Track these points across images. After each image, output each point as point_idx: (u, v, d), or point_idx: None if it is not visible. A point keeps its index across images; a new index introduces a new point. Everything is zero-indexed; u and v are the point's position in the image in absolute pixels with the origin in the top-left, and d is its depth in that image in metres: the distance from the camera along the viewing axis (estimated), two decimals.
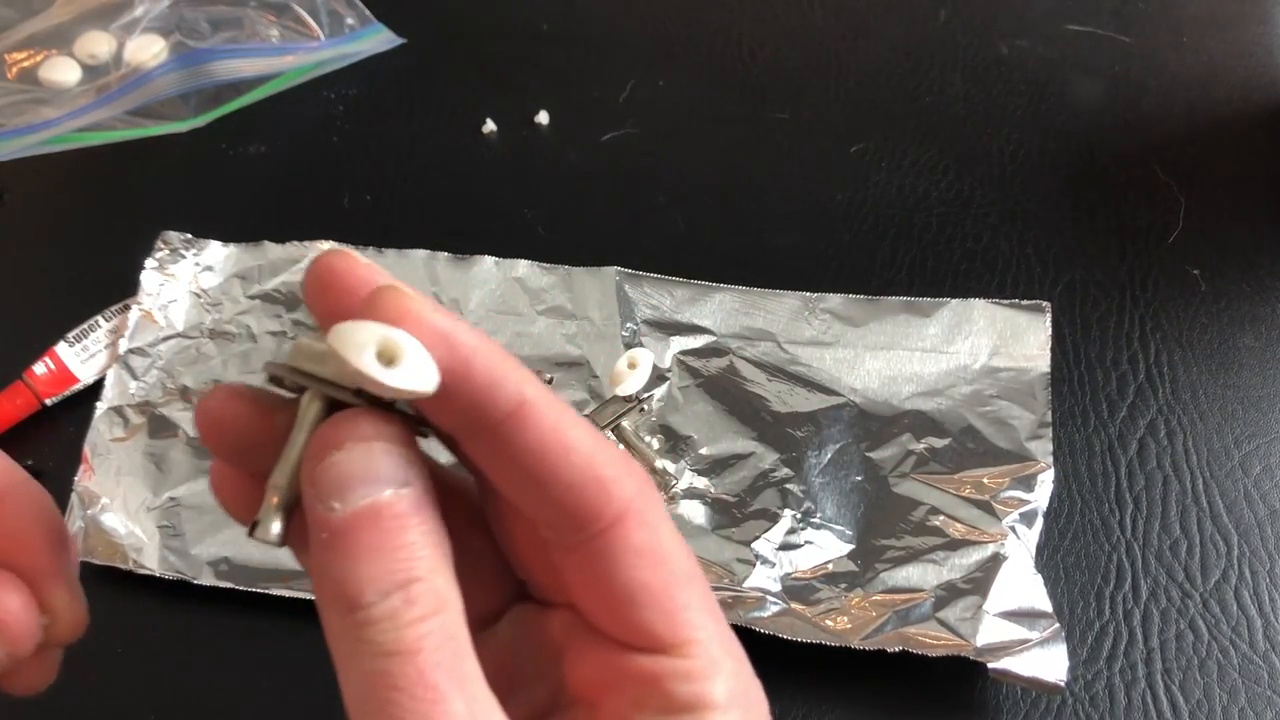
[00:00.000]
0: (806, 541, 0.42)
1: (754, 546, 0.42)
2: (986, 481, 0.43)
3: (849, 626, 0.40)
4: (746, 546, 0.42)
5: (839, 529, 0.43)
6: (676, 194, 0.55)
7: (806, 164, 0.56)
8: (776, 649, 0.39)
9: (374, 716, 0.20)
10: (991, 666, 0.38)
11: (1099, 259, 0.51)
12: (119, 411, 0.47)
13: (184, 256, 0.52)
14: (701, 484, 0.44)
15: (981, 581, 0.40)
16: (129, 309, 0.50)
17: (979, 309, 0.48)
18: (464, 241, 0.52)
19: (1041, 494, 0.43)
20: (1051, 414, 0.45)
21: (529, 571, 0.25)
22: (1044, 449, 0.44)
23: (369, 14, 0.63)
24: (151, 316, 0.50)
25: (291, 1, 0.62)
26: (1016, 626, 0.39)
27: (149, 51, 0.60)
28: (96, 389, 0.48)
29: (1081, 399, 0.47)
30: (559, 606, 0.25)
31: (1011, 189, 0.54)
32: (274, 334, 0.49)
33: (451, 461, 0.25)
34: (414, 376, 0.21)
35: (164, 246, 0.52)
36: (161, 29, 0.61)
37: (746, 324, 0.49)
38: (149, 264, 0.51)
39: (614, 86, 0.60)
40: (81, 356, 0.48)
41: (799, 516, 0.43)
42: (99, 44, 0.60)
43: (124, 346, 0.49)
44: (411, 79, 0.61)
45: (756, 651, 0.24)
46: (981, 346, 0.48)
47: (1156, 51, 0.60)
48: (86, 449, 0.46)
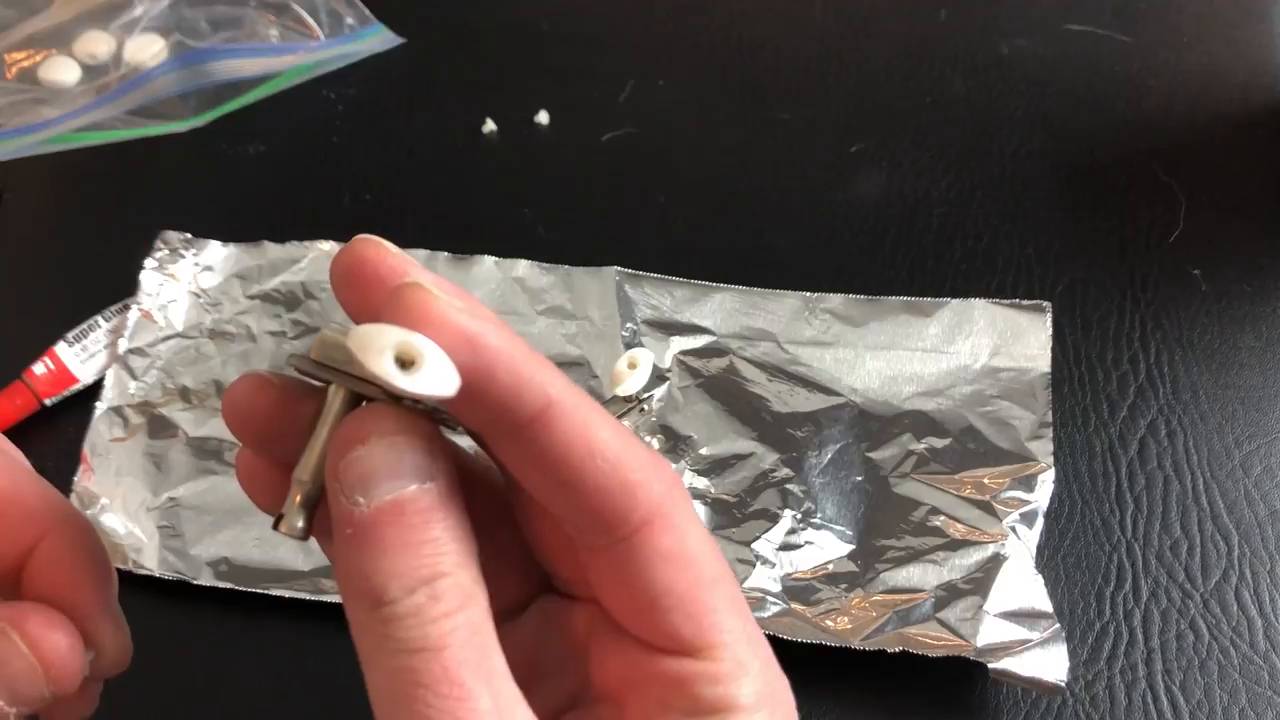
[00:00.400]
0: (807, 542, 0.42)
1: (754, 547, 0.42)
2: (987, 482, 0.43)
3: (849, 627, 0.40)
4: (747, 547, 0.42)
5: (839, 529, 0.43)
6: (676, 194, 0.55)
7: (807, 164, 0.56)
8: (776, 649, 0.39)
9: (400, 713, 0.20)
10: (992, 667, 0.38)
11: (1099, 259, 0.51)
12: (118, 412, 0.47)
13: (183, 256, 0.52)
14: (702, 484, 0.44)
15: (982, 582, 0.40)
16: (128, 309, 0.50)
17: (979, 309, 0.48)
18: (464, 241, 0.52)
19: (1042, 494, 0.43)
20: (1052, 414, 0.45)
21: (555, 566, 0.25)
22: (1044, 449, 0.44)
23: (369, 14, 0.63)
24: (151, 316, 0.50)
25: (291, 1, 0.62)
26: (1017, 627, 0.39)
27: (149, 51, 0.60)
28: (96, 389, 0.48)
29: (1082, 399, 0.47)
30: (585, 601, 0.25)
31: (1012, 189, 0.54)
32: (273, 334, 0.49)
33: (479, 451, 0.25)
34: (433, 381, 0.20)
35: (163, 246, 0.52)
36: (161, 28, 0.60)
37: (746, 324, 0.49)
38: (148, 264, 0.51)
39: (614, 86, 0.60)
40: (81, 356, 0.48)
41: (799, 517, 0.43)
42: (98, 44, 0.60)
43: (123, 346, 0.49)
44: (411, 79, 0.61)
45: None
46: (982, 346, 0.47)
47: (1157, 51, 0.60)
48: (86, 449, 0.46)
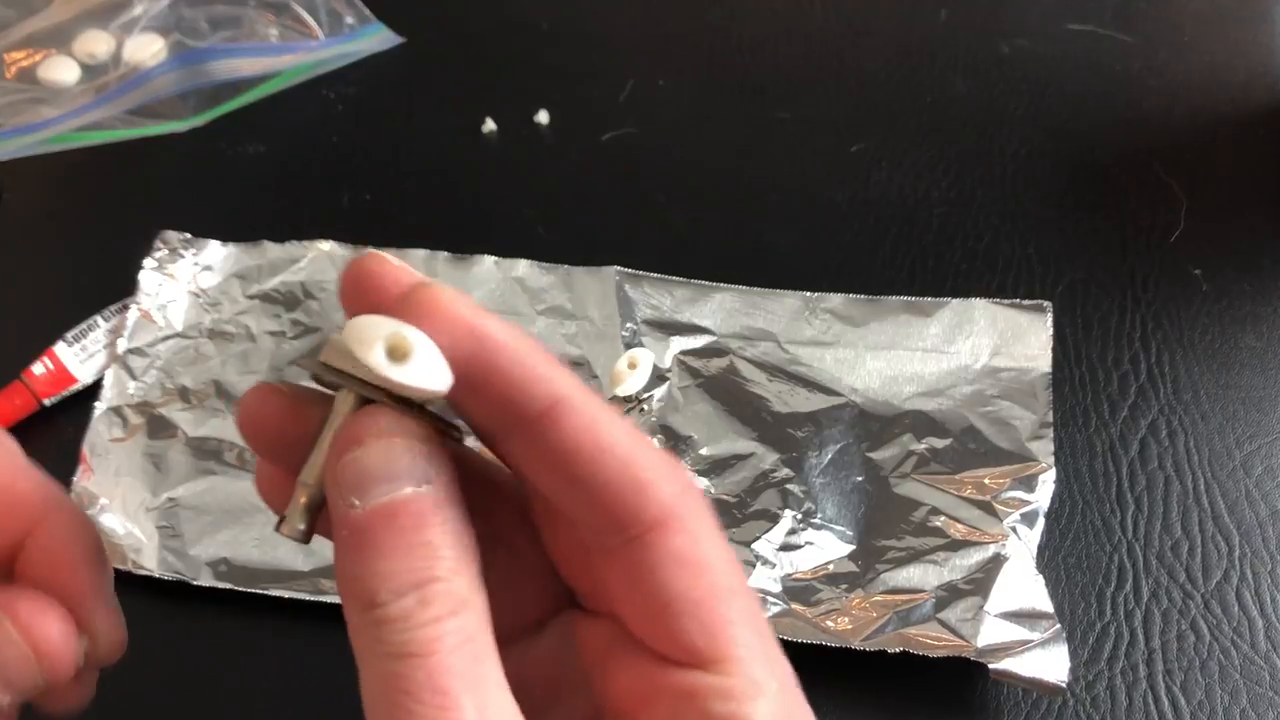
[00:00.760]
0: (807, 542, 0.42)
1: (754, 547, 0.42)
2: (987, 482, 0.43)
3: (849, 627, 0.40)
4: (747, 547, 0.42)
5: (839, 529, 0.43)
6: (676, 194, 0.55)
7: (807, 163, 0.56)
8: None
9: (384, 718, 0.20)
10: (992, 667, 0.38)
11: (1100, 259, 0.51)
12: (118, 412, 0.47)
13: (183, 256, 0.52)
14: (702, 484, 0.44)
15: (982, 582, 0.40)
16: (128, 309, 0.50)
17: (980, 309, 0.48)
18: (464, 241, 0.52)
19: (1043, 494, 0.43)
20: (1053, 414, 0.45)
21: (573, 575, 0.25)
22: (1045, 449, 0.44)
23: (368, 13, 0.63)
24: (150, 316, 0.50)
25: (291, 1, 0.62)
26: (1017, 627, 0.39)
27: (148, 51, 0.60)
28: (95, 389, 0.48)
29: (1083, 399, 0.47)
30: (603, 615, 0.24)
31: (1012, 188, 0.54)
32: (273, 334, 0.49)
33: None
34: (423, 374, 0.21)
35: (163, 246, 0.52)
36: (160, 28, 0.60)
37: (747, 324, 0.49)
38: (148, 264, 0.51)
39: (614, 86, 0.60)
40: (80, 356, 0.48)
41: (799, 517, 0.43)
42: (98, 43, 0.60)
43: (123, 346, 0.48)
44: (411, 78, 0.61)
45: None
46: (982, 346, 0.47)
47: (1158, 51, 0.60)
48: (85, 449, 0.46)
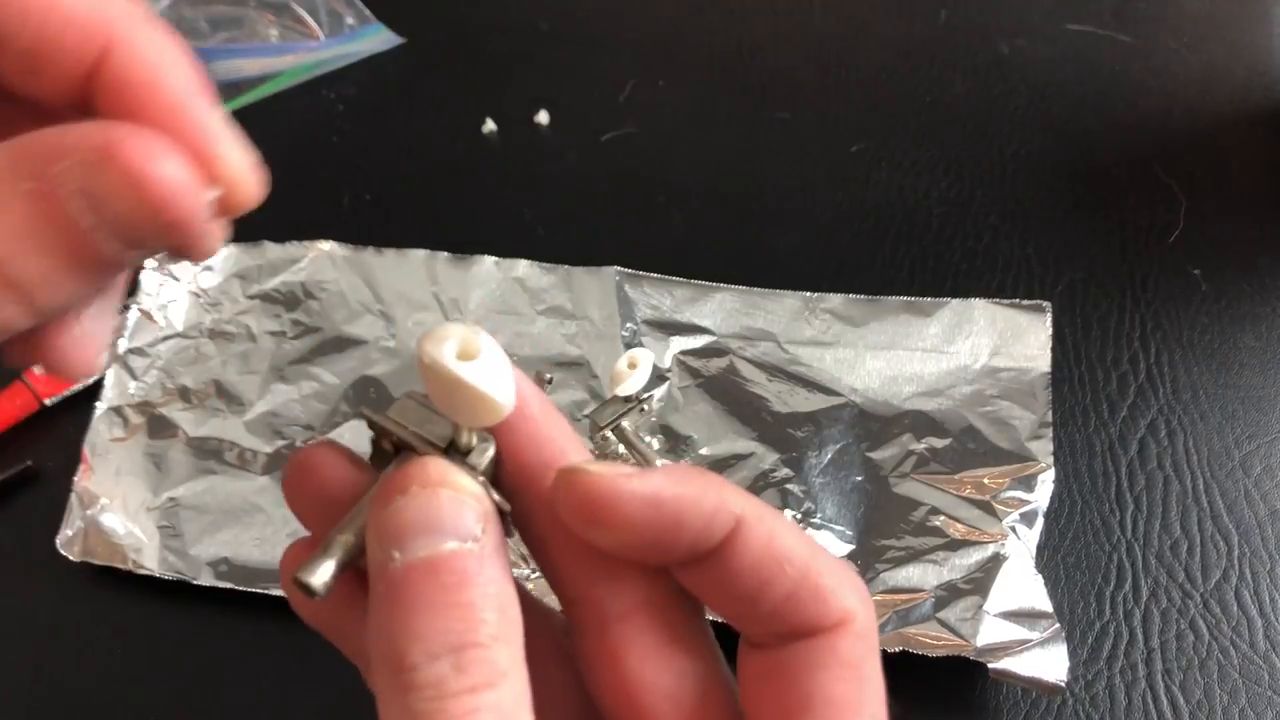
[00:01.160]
0: None
1: None
2: (987, 482, 0.43)
3: None
4: None
5: (839, 529, 0.43)
6: (676, 194, 0.55)
7: (807, 164, 0.56)
8: None
9: None
10: (992, 667, 0.38)
11: (1100, 259, 0.51)
12: (118, 411, 0.47)
13: None
14: None
15: (982, 582, 0.40)
16: (128, 309, 0.50)
17: (979, 309, 0.48)
18: (464, 241, 0.52)
19: (1042, 494, 0.43)
20: (1052, 414, 0.45)
21: (611, 699, 0.23)
22: (1044, 449, 0.44)
23: (369, 13, 0.63)
24: (151, 316, 0.50)
25: (291, 1, 0.62)
26: (1017, 627, 0.39)
27: None
28: (96, 389, 0.48)
29: (1082, 399, 0.47)
30: None
31: (1012, 189, 0.54)
32: (273, 334, 0.49)
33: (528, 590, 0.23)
34: (489, 378, 0.20)
35: None
36: None
37: (746, 324, 0.49)
38: (148, 263, 0.51)
39: (614, 86, 0.60)
40: None
41: (799, 517, 0.43)
42: None
43: (123, 346, 0.49)
44: (411, 79, 0.61)
45: None
46: (982, 346, 0.47)
47: (1157, 51, 0.60)
48: (86, 449, 0.46)
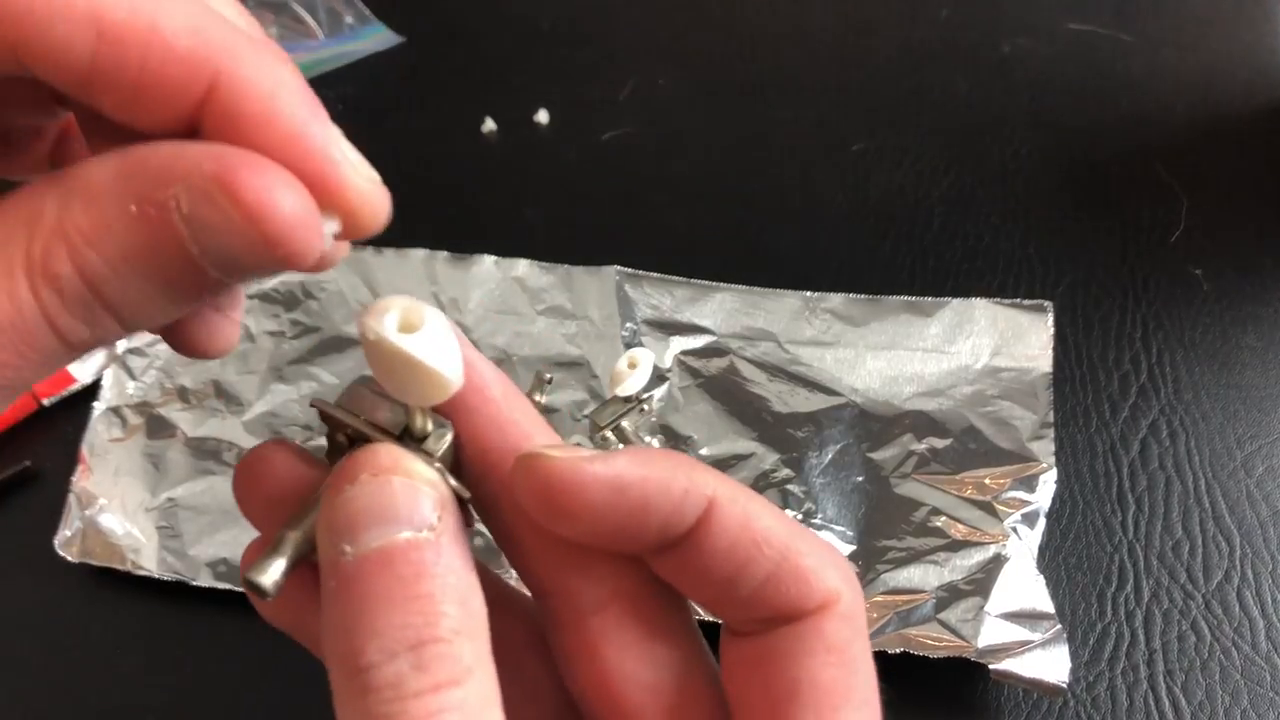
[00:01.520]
0: None
1: None
2: (988, 482, 0.43)
3: None
4: None
5: (840, 530, 0.43)
6: (676, 193, 0.55)
7: (807, 163, 0.56)
8: None
9: None
10: (993, 668, 0.38)
11: (1101, 259, 0.51)
12: (117, 412, 0.47)
13: None
14: None
15: (983, 583, 0.40)
16: None
17: (980, 309, 0.48)
18: (463, 241, 0.52)
19: (1043, 495, 0.43)
20: (1053, 414, 0.45)
21: (589, 693, 0.22)
22: (1046, 449, 0.44)
23: (368, 12, 0.63)
24: None
25: (290, 0, 0.62)
26: (1018, 628, 0.39)
27: None
28: (94, 389, 0.48)
29: (1083, 399, 0.47)
30: None
31: (1013, 188, 0.54)
32: (272, 334, 0.49)
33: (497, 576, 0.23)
34: (434, 351, 0.19)
35: None
36: None
37: (747, 324, 0.49)
38: None
39: (614, 85, 0.60)
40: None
41: (800, 517, 0.43)
42: None
43: (122, 346, 0.48)
44: (410, 78, 0.61)
45: None
46: (983, 346, 0.47)
47: (1158, 50, 0.60)
48: (84, 449, 0.46)
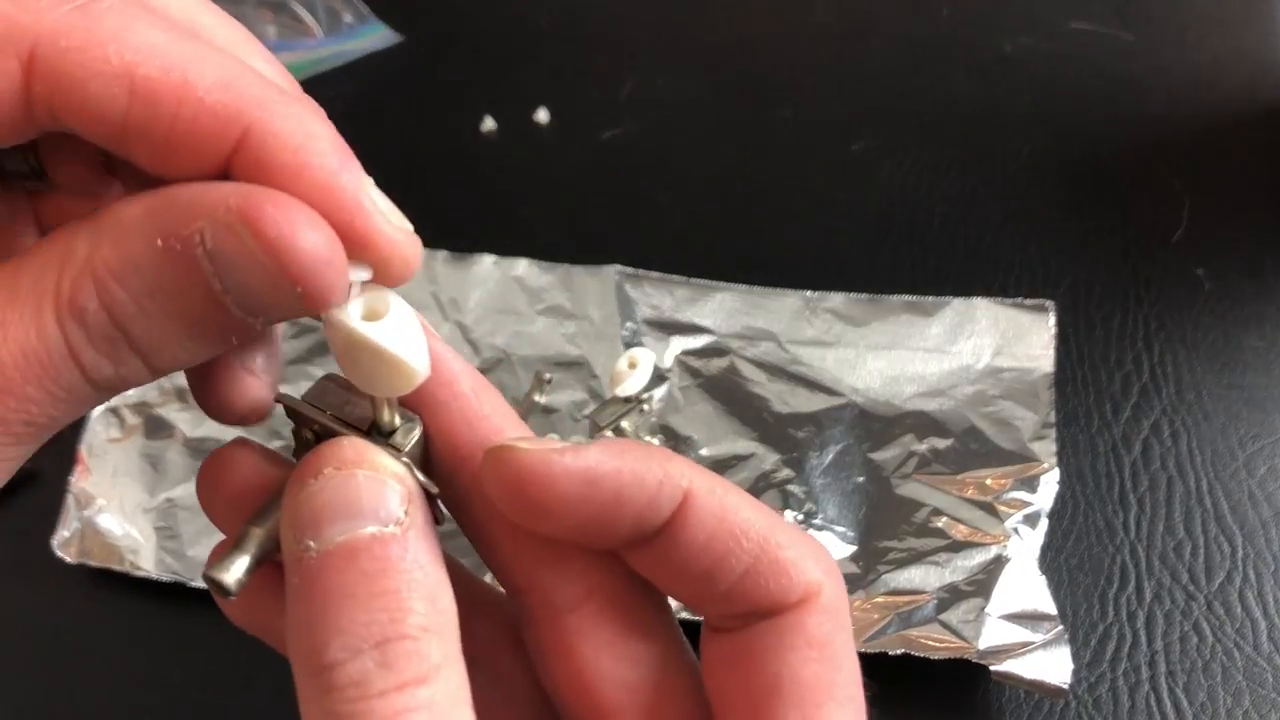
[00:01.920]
0: None
1: None
2: (989, 483, 0.43)
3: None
4: None
5: (841, 530, 0.42)
6: (677, 192, 0.55)
7: (808, 162, 0.56)
8: None
9: None
10: (994, 669, 0.38)
11: (1102, 258, 0.51)
12: (115, 412, 0.47)
13: None
14: None
15: (984, 583, 0.40)
16: None
17: (982, 308, 0.48)
18: (463, 240, 0.52)
19: (1045, 495, 0.42)
20: (1055, 414, 0.45)
21: (566, 692, 0.22)
22: (1047, 450, 0.44)
23: (367, 11, 0.63)
24: None
25: None
26: (1019, 629, 0.39)
27: None
28: None
29: (1085, 399, 0.47)
30: None
31: (1014, 188, 0.54)
32: None
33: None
34: (398, 339, 0.19)
35: None
36: None
37: (747, 324, 0.49)
38: None
39: (614, 84, 0.60)
40: None
41: (801, 518, 0.43)
42: None
43: None
44: (410, 77, 0.61)
45: None
46: (984, 346, 0.47)
47: (1160, 49, 0.60)
48: (82, 450, 0.45)
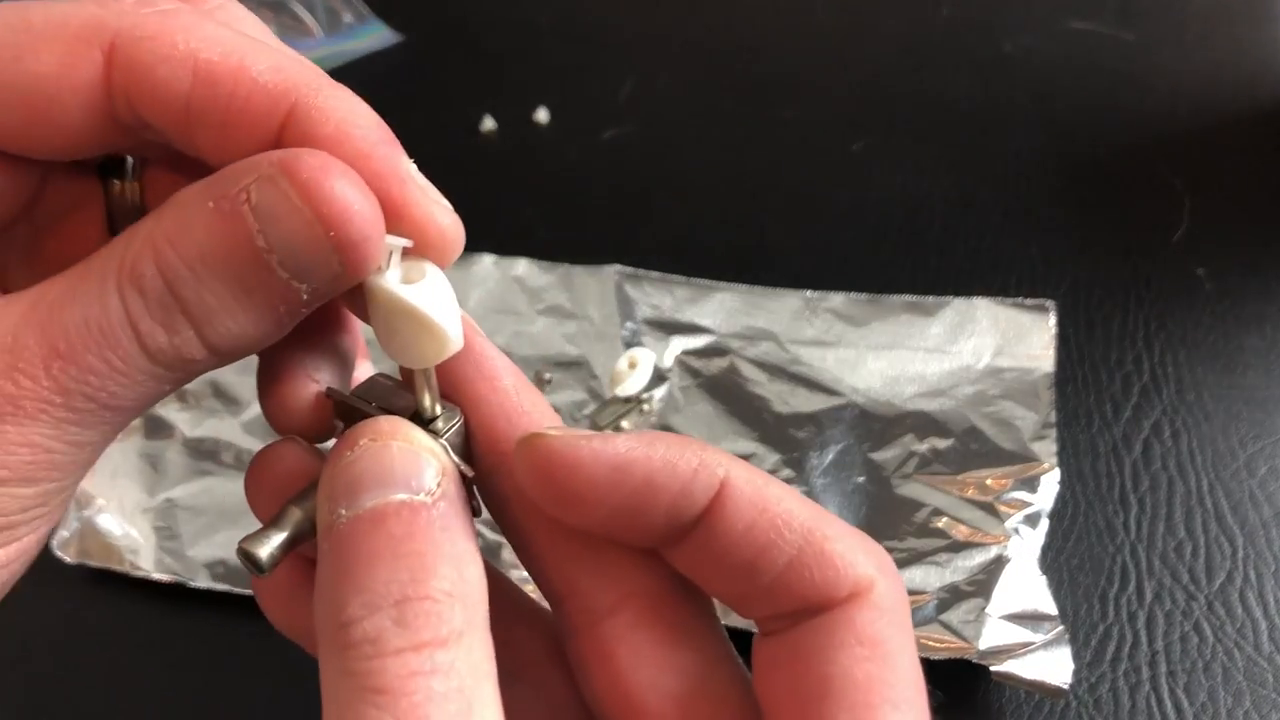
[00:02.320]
0: None
1: None
2: (990, 483, 0.43)
3: None
4: None
5: None
6: (677, 192, 0.55)
7: (808, 162, 0.56)
8: None
9: None
10: (995, 669, 0.38)
11: (1103, 258, 0.51)
12: None
13: None
14: None
15: (985, 584, 0.40)
16: None
17: (982, 308, 0.48)
18: None
19: (1045, 495, 0.42)
20: (1055, 414, 0.45)
21: (607, 703, 0.21)
22: (1048, 450, 0.44)
23: (367, 11, 0.63)
24: None
25: None
26: (1020, 629, 0.39)
27: None
28: None
29: (1085, 399, 0.47)
30: None
31: (1015, 187, 0.54)
32: None
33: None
34: (433, 302, 0.19)
35: None
36: None
37: (747, 324, 0.49)
38: None
39: (614, 84, 0.60)
40: None
41: None
42: None
43: None
44: (410, 76, 0.61)
45: None
46: (985, 346, 0.47)
47: (1160, 49, 0.60)
48: None
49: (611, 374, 0.46)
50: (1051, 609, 0.39)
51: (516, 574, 0.23)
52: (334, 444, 0.20)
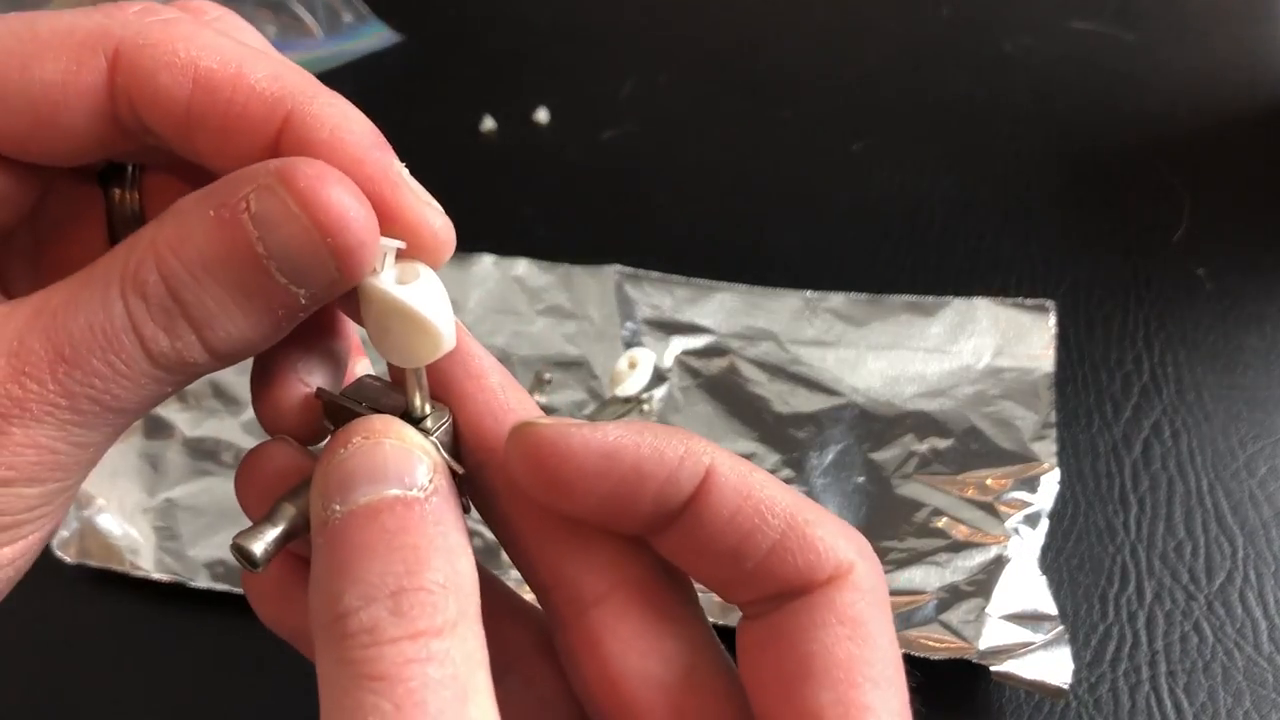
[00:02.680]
0: None
1: None
2: (990, 483, 0.43)
3: None
4: None
5: None
6: (677, 192, 0.55)
7: (808, 162, 0.56)
8: None
9: None
10: (995, 669, 0.38)
11: (1103, 258, 0.51)
12: None
13: None
14: None
15: (985, 584, 0.40)
16: None
17: (982, 308, 0.48)
18: (462, 240, 0.51)
19: (1045, 495, 0.42)
20: (1055, 414, 0.45)
21: (595, 693, 0.22)
22: (1048, 450, 0.44)
23: (367, 11, 0.63)
24: None
25: None
26: (1020, 629, 0.39)
27: None
28: None
29: (1085, 399, 0.47)
30: None
31: (1015, 187, 0.54)
32: None
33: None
34: (427, 301, 0.20)
35: None
36: None
37: (747, 324, 0.49)
38: None
39: (614, 83, 0.60)
40: None
41: None
42: None
43: None
44: (410, 76, 0.61)
45: None
46: (985, 346, 0.47)
47: (1161, 49, 0.60)
48: None
49: (611, 374, 0.46)
50: (1051, 609, 0.39)
51: (515, 576, 0.24)
52: (327, 442, 0.21)
